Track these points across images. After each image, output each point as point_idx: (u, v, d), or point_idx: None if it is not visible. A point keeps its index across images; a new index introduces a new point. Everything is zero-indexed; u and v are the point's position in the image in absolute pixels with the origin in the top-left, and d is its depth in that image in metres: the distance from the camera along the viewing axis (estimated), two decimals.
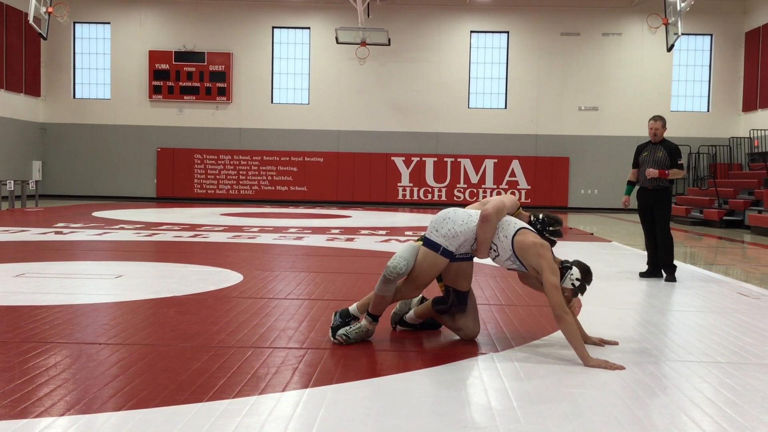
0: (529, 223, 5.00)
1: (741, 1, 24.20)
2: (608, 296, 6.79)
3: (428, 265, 4.71)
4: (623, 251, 11.10)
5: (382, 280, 4.70)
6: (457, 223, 4.75)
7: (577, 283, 4.63)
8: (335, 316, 4.84)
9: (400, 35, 24.28)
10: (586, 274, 4.68)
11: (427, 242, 4.75)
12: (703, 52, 24.86)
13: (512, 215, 4.90)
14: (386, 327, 5.28)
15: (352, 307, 4.85)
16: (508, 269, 4.90)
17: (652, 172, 8.01)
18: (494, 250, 4.78)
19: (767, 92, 22.42)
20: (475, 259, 4.96)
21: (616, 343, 4.86)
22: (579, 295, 4.72)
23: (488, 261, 5.11)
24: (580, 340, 4.44)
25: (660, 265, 8.12)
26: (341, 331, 4.73)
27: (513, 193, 4.95)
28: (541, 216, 5.05)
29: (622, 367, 4.29)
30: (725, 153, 23.71)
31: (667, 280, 7.97)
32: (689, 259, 10.84)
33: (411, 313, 5.13)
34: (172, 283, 7.13)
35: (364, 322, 4.78)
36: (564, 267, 4.65)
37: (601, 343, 4.85)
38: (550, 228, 4.98)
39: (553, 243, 4.92)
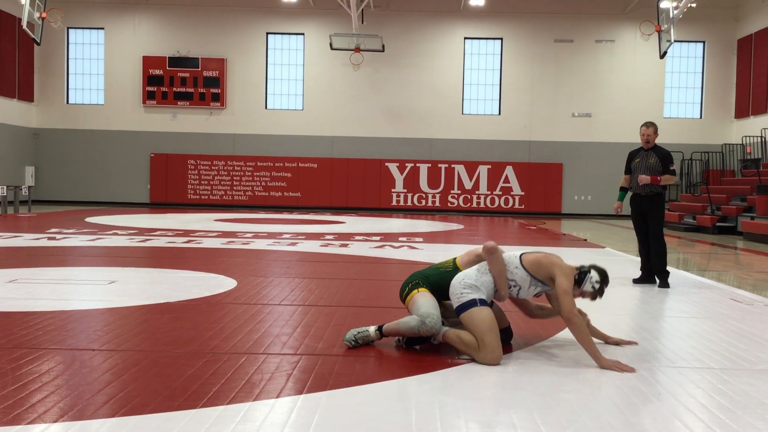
0: (578, 273, 4.81)
1: (733, 9, 24.33)
2: (602, 302, 6.77)
3: (483, 320, 4.52)
4: (616, 257, 11.12)
5: (414, 330, 4.64)
6: (467, 276, 4.73)
7: (597, 286, 4.72)
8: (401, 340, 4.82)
9: (394, 41, 24.33)
10: (605, 277, 4.79)
11: (460, 309, 4.62)
12: (695, 59, 24.98)
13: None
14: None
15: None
16: (535, 296, 4.89)
17: (644, 179, 8.03)
18: (515, 285, 4.77)
19: (759, 99, 22.53)
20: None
21: (635, 343, 5.04)
22: (599, 298, 4.80)
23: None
24: (592, 342, 4.53)
25: (653, 270, 8.14)
26: (351, 336, 4.78)
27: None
28: (591, 269, 4.88)
29: (633, 370, 4.36)
30: (718, 159, 23.81)
31: (660, 286, 7.99)
32: (682, 265, 10.87)
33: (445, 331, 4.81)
34: (165, 289, 7.11)
35: (373, 331, 4.83)
36: (582, 272, 4.72)
37: (621, 343, 5.02)
38: (597, 283, 4.78)
39: (592, 297, 4.81)
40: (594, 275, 4.71)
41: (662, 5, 20.38)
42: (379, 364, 4.44)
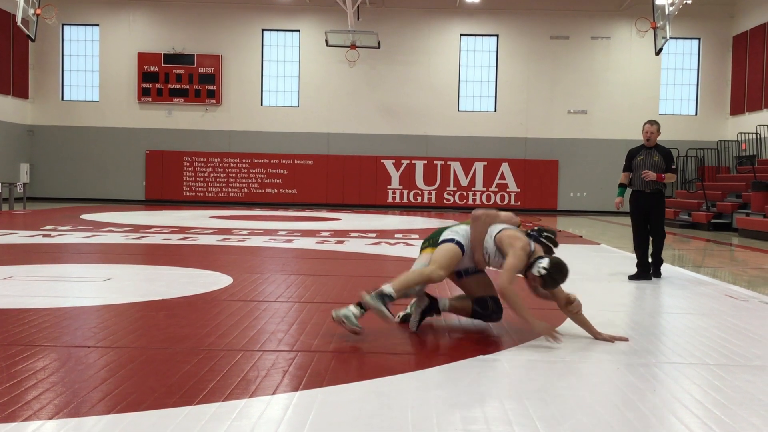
0: (527, 233, 5.27)
1: (729, 5, 24.36)
2: (597, 298, 6.81)
3: (446, 250, 5.11)
4: (612, 254, 11.14)
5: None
6: (460, 228, 5.32)
7: (543, 272, 4.89)
8: (372, 297, 4.96)
9: (390, 38, 24.31)
10: (557, 267, 4.92)
11: (441, 242, 5.23)
12: (691, 55, 25.01)
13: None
14: (375, 330, 5.28)
15: (388, 289, 5.01)
16: (498, 269, 5.12)
17: (650, 175, 8.10)
18: (486, 254, 5.16)
19: (755, 96, 22.57)
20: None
21: (626, 339, 5.07)
22: (549, 287, 4.99)
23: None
24: (524, 308, 4.84)
25: (652, 260, 8.30)
26: (342, 313, 4.90)
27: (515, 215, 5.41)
28: (537, 226, 5.43)
29: (561, 340, 4.75)
30: (713, 156, 23.85)
31: (653, 275, 8.27)
32: (678, 262, 10.90)
33: (446, 302, 5.38)
34: (161, 286, 7.10)
35: (354, 309, 4.92)
36: (537, 258, 4.96)
37: (612, 339, 5.03)
38: (545, 233, 5.30)
39: (549, 249, 5.24)
40: (543, 262, 4.91)
41: (658, 2, 20.39)
42: (374, 360, 4.44)
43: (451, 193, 24.88)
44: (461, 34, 25.08)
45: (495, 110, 25.11)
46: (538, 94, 24.92)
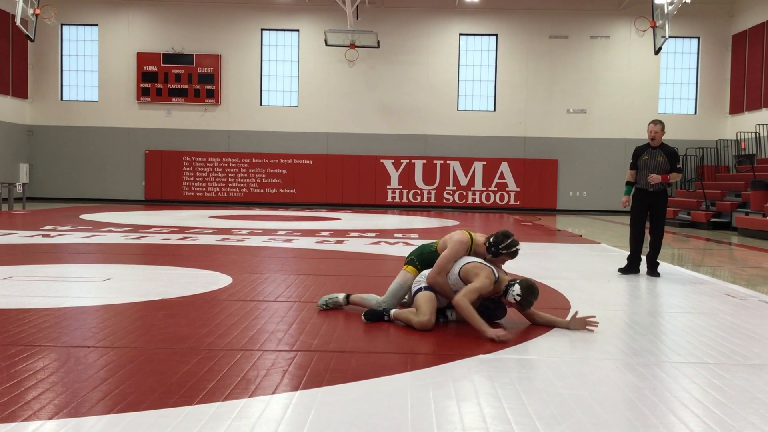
0: (486, 248, 5.60)
1: (728, 5, 24.36)
2: (596, 297, 6.82)
3: (425, 297, 5.42)
4: (612, 253, 11.14)
5: (373, 306, 5.73)
6: (422, 277, 5.59)
7: (518, 298, 5.25)
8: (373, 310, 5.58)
9: (389, 37, 24.31)
10: (528, 290, 5.27)
11: (414, 293, 5.55)
12: (690, 54, 25.01)
13: (472, 248, 5.60)
14: (374, 330, 5.29)
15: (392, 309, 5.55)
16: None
17: (655, 178, 8.30)
18: (457, 291, 5.38)
19: (754, 95, 22.58)
20: None
21: (594, 319, 5.31)
22: (526, 309, 5.33)
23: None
24: (475, 318, 5.04)
25: (648, 260, 8.47)
26: (323, 301, 5.87)
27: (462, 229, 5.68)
28: (491, 238, 5.63)
29: (510, 338, 4.92)
30: (712, 155, 23.85)
31: (650, 275, 8.37)
32: (677, 261, 10.90)
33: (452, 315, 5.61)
34: (160, 285, 7.10)
35: (341, 297, 5.88)
36: (508, 285, 5.32)
37: (586, 323, 5.27)
38: (501, 246, 5.54)
39: (512, 256, 5.62)
40: (516, 288, 5.26)
41: (657, 1, 20.39)
42: (374, 360, 4.44)
43: (451, 192, 24.88)
44: (460, 34, 25.08)
45: (494, 110, 25.11)
46: (538, 93, 24.92)
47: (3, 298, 6.23)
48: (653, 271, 8.39)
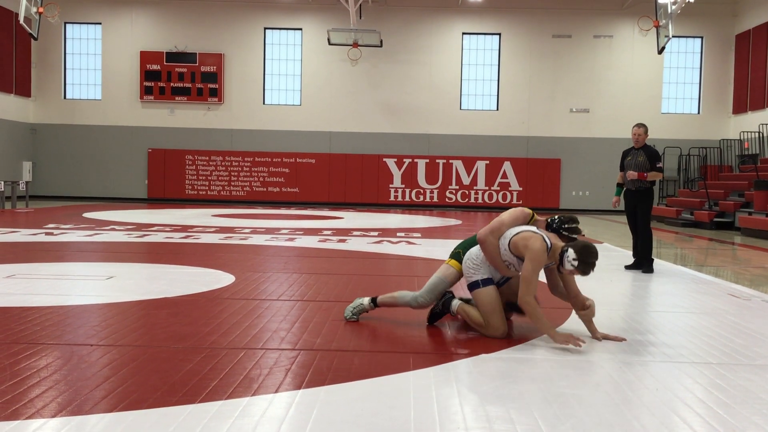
0: (546, 225, 5.34)
1: (731, 4, 24.32)
2: (599, 296, 6.80)
3: (486, 302, 5.05)
4: (614, 252, 11.13)
5: (409, 305, 5.47)
6: (472, 256, 5.22)
7: (575, 263, 4.82)
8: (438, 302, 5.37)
9: (392, 37, 24.30)
10: (583, 251, 4.83)
11: (470, 287, 5.17)
12: (693, 54, 24.97)
13: (531, 221, 5.36)
14: (377, 328, 5.28)
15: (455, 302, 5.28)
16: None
17: (632, 175, 8.86)
18: (509, 264, 5.08)
19: (757, 94, 22.54)
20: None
21: (623, 340, 5.03)
22: (588, 273, 4.88)
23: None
24: (544, 322, 4.81)
25: (639, 254, 8.94)
26: (349, 312, 5.49)
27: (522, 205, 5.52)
28: (556, 217, 5.40)
29: (582, 341, 4.68)
30: (715, 155, 23.82)
31: (644, 271, 8.75)
32: (680, 261, 10.89)
33: (458, 302, 5.36)
34: (163, 284, 7.11)
35: (366, 302, 5.52)
36: (561, 252, 4.89)
37: (608, 337, 5.05)
38: (566, 225, 5.29)
39: (573, 240, 5.22)
40: (570, 253, 4.83)
41: (660, 0, 20.36)
42: (376, 359, 4.44)
43: (453, 191, 24.87)
44: (463, 33, 25.06)
45: (497, 109, 25.09)
46: (541, 92, 24.89)
47: (6, 296, 6.24)
48: (646, 267, 8.80)
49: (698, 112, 24.92)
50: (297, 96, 25.31)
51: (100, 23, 25.20)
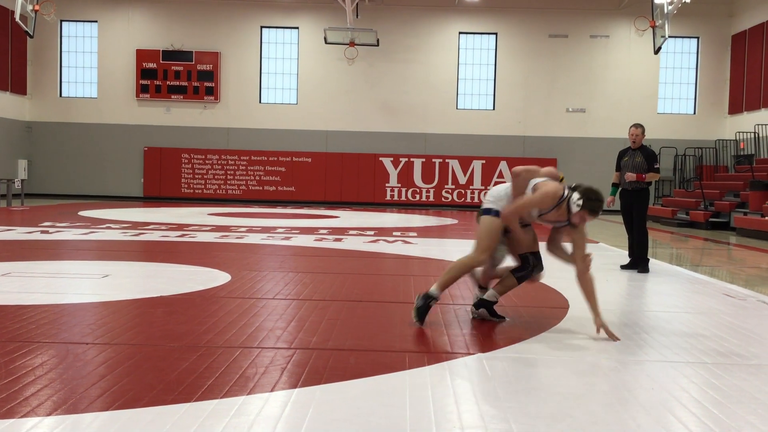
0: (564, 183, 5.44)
1: (727, 5, 24.36)
2: None
3: (488, 227, 5.30)
4: (610, 252, 11.14)
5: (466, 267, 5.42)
6: (500, 188, 5.44)
7: (580, 202, 5.03)
8: (418, 298, 5.34)
9: (389, 36, 24.29)
10: (585, 192, 5.05)
11: (483, 211, 5.40)
12: (689, 54, 25.01)
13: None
14: (373, 327, 5.28)
15: (433, 289, 5.31)
16: (544, 223, 5.39)
17: (630, 176, 8.93)
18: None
19: (753, 95, 22.58)
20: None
21: (617, 339, 5.04)
22: (595, 212, 5.08)
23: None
24: (596, 299, 5.12)
25: (635, 254, 8.97)
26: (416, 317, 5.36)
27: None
28: (582, 185, 5.41)
29: (617, 338, 4.95)
30: (711, 155, 23.86)
31: (639, 271, 8.78)
32: (675, 261, 10.91)
33: (492, 292, 5.50)
34: (159, 282, 7.10)
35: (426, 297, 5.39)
36: (567, 200, 5.12)
37: (605, 331, 5.07)
38: (584, 192, 5.24)
39: (592, 209, 5.19)
40: (573, 196, 5.07)
41: (657, 1, 20.39)
42: (373, 358, 4.44)
43: (450, 191, 24.88)
44: (460, 32, 25.06)
45: (494, 108, 25.10)
46: (537, 92, 24.91)
47: (1, 294, 6.23)
48: (641, 267, 8.83)
49: (694, 113, 24.96)
50: (293, 95, 25.29)
51: (96, 21, 25.15)
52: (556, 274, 6.71)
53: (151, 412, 3.34)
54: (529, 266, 5.42)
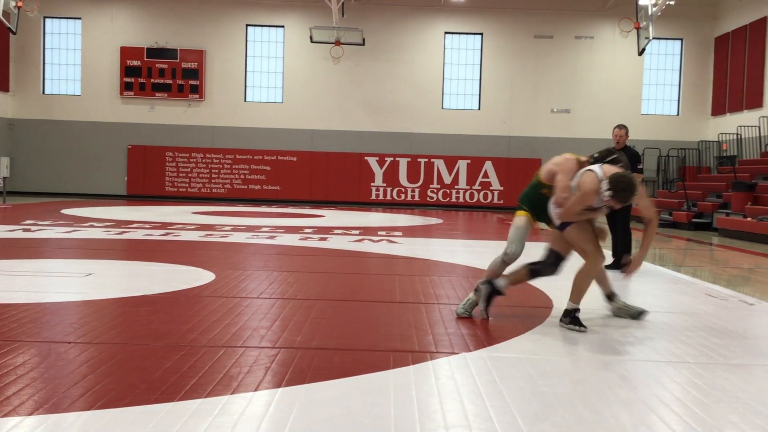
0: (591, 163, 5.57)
1: (711, 7, 24.55)
2: None
3: (577, 236, 5.40)
4: None
5: (499, 264, 5.71)
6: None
7: (608, 193, 5.07)
8: (563, 319, 5.39)
9: (375, 35, 24.28)
10: (615, 183, 5.07)
11: (559, 227, 5.55)
12: (673, 56, 25.18)
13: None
14: (358, 326, 5.28)
15: (571, 304, 5.40)
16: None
17: None
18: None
19: (736, 97, 22.77)
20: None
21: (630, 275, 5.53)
22: (626, 201, 5.14)
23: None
24: (650, 240, 5.35)
25: (618, 255, 8.92)
26: (461, 309, 5.65)
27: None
28: (596, 153, 5.72)
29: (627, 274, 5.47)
30: (694, 156, 24.04)
31: (623, 270, 8.75)
32: (658, 261, 10.98)
33: (504, 282, 5.65)
34: (142, 281, 7.06)
35: (472, 295, 5.66)
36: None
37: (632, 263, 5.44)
38: (596, 155, 5.62)
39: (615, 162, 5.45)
40: (603, 186, 5.11)
41: (641, 2, 20.50)
42: (357, 357, 4.44)
43: (435, 190, 24.90)
44: (446, 32, 25.10)
45: (479, 108, 25.16)
46: (522, 92, 24.99)
47: None
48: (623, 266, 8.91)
49: (678, 114, 25.14)
50: (279, 93, 25.23)
51: (79, 18, 24.96)
52: None
53: (133, 412, 3.32)
54: (549, 263, 5.58)
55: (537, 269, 5.61)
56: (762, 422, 3.48)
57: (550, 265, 5.58)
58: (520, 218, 5.82)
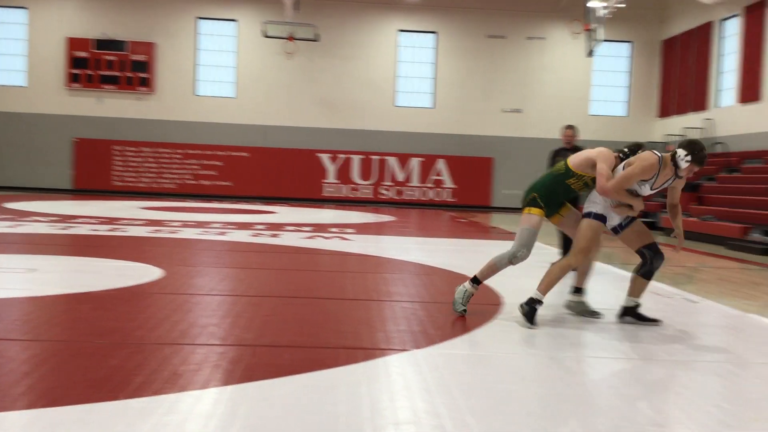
0: (620, 158, 5.68)
1: (659, 10, 25.09)
2: (525, 294, 6.91)
3: (587, 230, 5.50)
4: (543, 250, 11.32)
5: (505, 263, 5.62)
6: (594, 193, 5.61)
7: (688, 158, 5.19)
8: (522, 306, 5.41)
9: (329, 31, 24.20)
10: (690, 147, 5.22)
11: (584, 215, 5.59)
12: (622, 58, 25.67)
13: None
14: (309, 324, 5.26)
15: (537, 293, 5.44)
16: (657, 191, 5.65)
17: None
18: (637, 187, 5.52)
19: (683, 99, 23.32)
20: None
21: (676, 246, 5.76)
22: (704, 163, 5.28)
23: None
24: (625, 195, 5.40)
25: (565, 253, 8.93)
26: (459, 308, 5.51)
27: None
28: (625, 148, 5.80)
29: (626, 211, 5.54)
30: None
31: (574, 269, 8.99)
32: (606, 259, 11.17)
33: (628, 298, 5.72)
34: (87, 277, 6.91)
35: (468, 286, 5.55)
36: (672, 157, 5.31)
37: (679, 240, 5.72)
38: (625, 150, 5.72)
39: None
40: (680, 152, 5.24)
41: (590, 4, 20.84)
42: (308, 354, 4.42)
43: (387, 188, 24.96)
44: (399, 30, 25.16)
45: (433, 107, 25.28)
46: (475, 91, 25.20)
47: None
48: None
49: (626, 115, 25.64)
50: (231, 88, 24.97)
51: (26, 8, 24.32)
52: None
53: (77, 410, 3.24)
54: (648, 260, 5.62)
55: (648, 270, 5.68)
56: (704, 418, 3.56)
57: (650, 259, 5.66)
58: (534, 217, 5.65)
